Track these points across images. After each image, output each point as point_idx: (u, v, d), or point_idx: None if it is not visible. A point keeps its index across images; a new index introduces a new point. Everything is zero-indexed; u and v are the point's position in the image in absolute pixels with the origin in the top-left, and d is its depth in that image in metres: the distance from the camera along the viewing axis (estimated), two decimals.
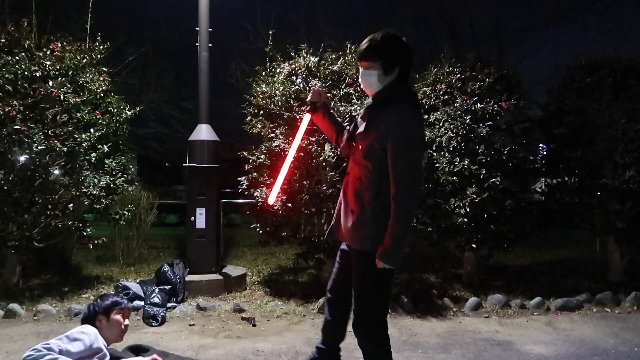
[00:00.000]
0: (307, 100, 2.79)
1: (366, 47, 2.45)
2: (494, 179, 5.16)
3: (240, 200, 6.92)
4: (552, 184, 6.22)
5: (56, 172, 5.13)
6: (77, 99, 5.36)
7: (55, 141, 5.06)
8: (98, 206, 5.70)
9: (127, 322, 2.88)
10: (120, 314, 2.83)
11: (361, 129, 2.50)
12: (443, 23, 14.45)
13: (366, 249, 2.39)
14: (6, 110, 4.80)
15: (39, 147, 4.92)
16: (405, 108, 2.35)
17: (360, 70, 2.53)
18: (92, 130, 5.58)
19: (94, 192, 5.51)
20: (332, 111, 2.90)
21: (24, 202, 5.01)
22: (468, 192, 5.18)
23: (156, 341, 3.92)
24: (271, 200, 2.94)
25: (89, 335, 2.63)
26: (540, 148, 6.30)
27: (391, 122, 2.32)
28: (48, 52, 5.36)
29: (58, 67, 5.29)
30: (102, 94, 5.78)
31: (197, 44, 5.91)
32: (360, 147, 2.46)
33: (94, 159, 5.61)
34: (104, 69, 5.98)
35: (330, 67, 5.42)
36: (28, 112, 5.04)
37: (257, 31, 10.47)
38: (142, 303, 4.77)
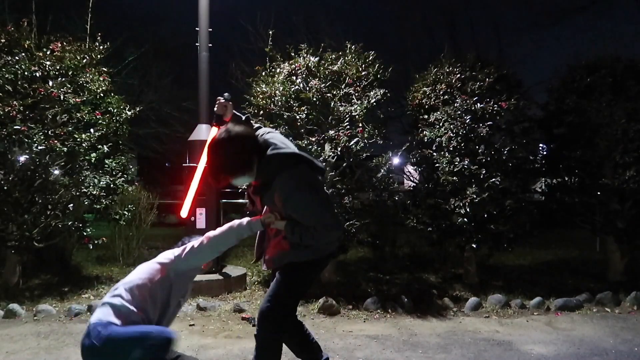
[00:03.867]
0: (215, 111, 2.74)
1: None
2: (494, 179, 5.16)
3: (240, 200, 6.92)
4: (552, 184, 6.22)
5: (56, 172, 5.13)
6: (77, 99, 5.36)
7: (55, 141, 5.07)
8: (98, 206, 5.70)
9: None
10: None
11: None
12: (443, 23, 14.46)
13: None
14: (6, 110, 4.81)
15: (39, 147, 4.92)
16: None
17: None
18: (92, 130, 5.58)
19: (94, 192, 5.51)
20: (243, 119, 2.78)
21: (24, 202, 5.01)
22: (468, 192, 5.18)
23: None
24: (184, 214, 3.05)
25: None
26: (540, 148, 6.30)
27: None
28: (48, 52, 5.36)
29: (58, 67, 5.30)
30: (102, 94, 5.78)
31: (197, 44, 5.91)
32: None
33: (94, 159, 5.61)
34: (104, 69, 5.98)
35: (330, 67, 5.42)
36: (28, 112, 5.04)
37: (257, 31, 10.46)
38: None
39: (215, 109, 2.76)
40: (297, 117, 5.24)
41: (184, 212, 2.80)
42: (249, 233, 2.58)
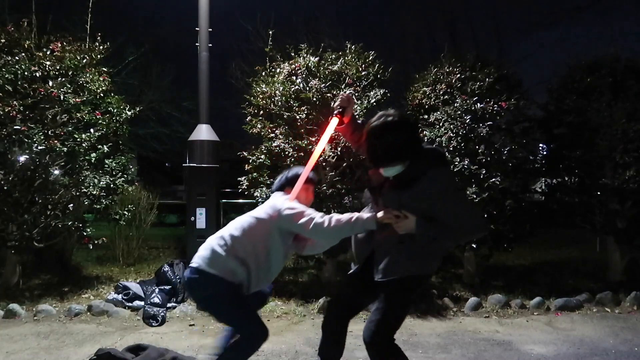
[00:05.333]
0: (336, 104, 2.65)
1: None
2: (494, 179, 5.15)
3: (240, 200, 6.93)
4: (552, 184, 6.21)
5: (56, 172, 5.13)
6: (77, 99, 5.36)
7: (55, 141, 5.07)
8: (98, 206, 5.70)
9: (310, 194, 2.90)
10: (303, 188, 2.81)
11: None
12: (443, 23, 14.44)
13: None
14: (6, 110, 4.81)
15: (39, 147, 4.92)
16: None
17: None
18: (92, 130, 5.58)
19: (94, 192, 5.51)
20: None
21: (24, 202, 5.01)
22: (468, 192, 5.18)
23: (156, 341, 3.92)
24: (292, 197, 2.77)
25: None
26: (540, 148, 6.29)
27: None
28: (48, 52, 5.36)
29: (58, 67, 5.29)
30: (102, 94, 5.78)
31: (197, 44, 5.91)
32: None
33: (94, 159, 5.61)
34: (104, 69, 5.98)
35: (330, 67, 5.42)
36: (28, 112, 5.04)
37: (257, 31, 10.46)
38: (142, 303, 4.77)
39: (338, 102, 2.67)
40: (297, 117, 5.24)
41: (292, 196, 2.67)
42: (362, 231, 2.45)
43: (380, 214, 2.32)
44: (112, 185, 5.75)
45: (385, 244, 2.37)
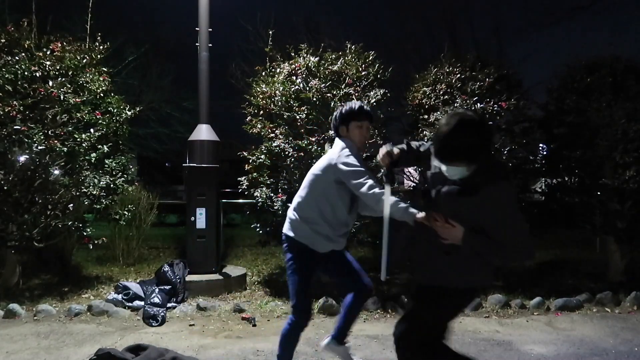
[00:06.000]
0: (382, 172, 2.55)
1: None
2: None
3: (240, 200, 6.92)
4: (552, 184, 6.21)
5: (56, 172, 5.13)
6: (77, 99, 5.36)
7: (55, 141, 5.07)
8: (98, 206, 5.70)
9: (365, 131, 2.88)
10: (357, 125, 2.85)
11: None
12: (443, 23, 14.43)
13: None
14: (6, 110, 4.81)
15: (39, 147, 4.92)
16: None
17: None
18: (92, 130, 5.58)
19: (94, 192, 5.51)
20: (409, 149, 2.60)
21: (24, 202, 5.01)
22: None
23: (156, 341, 3.92)
24: (383, 277, 2.61)
25: (349, 148, 2.80)
26: (540, 148, 6.29)
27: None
28: (48, 52, 5.36)
29: (58, 67, 5.29)
30: (102, 94, 5.78)
31: (197, 44, 5.91)
32: None
33: (94, 159, 5.61)
34: (104, 69, 5.98)
35: (330, 67, 5.42)
36: (28, 112, 5.04)
37: (257, 31, 10.46)
38: (142, 303, 4.78)
39: (380, 157, 2.55)
40: (297, 117, 5.24)
41: (382, 276, 2.53)
42: (399, 216, 2.42)
43: (422, 214, 2.28)
44: (112, 185, 5.75)
45: (430, 251, 2.30)
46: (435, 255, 2.26)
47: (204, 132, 5.73)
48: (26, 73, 5.04)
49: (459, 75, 5.59)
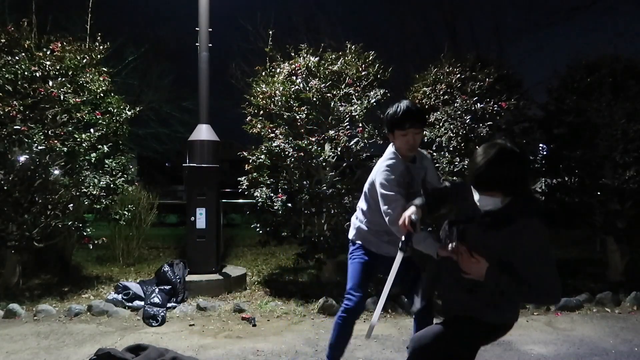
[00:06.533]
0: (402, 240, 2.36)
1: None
2: None
3: (240, 200, 6.92)
4: (552, 184, 6.21)
5: (56, 172, 5.13)
6: (77, 99, 5.36)
7: (55, 141, 5.07)
8: (98, 206, 5.70)
9: (410, 138, 2.68)
10: (401, 134, 2.68)
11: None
12: (443, 23, 14.43)
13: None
14: (6, 110, 4.81)
15: (39, 147, 4.92)
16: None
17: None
18: (92, 130, 5.58)
19: (94, 192, 5.51)
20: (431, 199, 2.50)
21: (24, 202, 5.01)
22: None
23: (156, 341, 3.92)
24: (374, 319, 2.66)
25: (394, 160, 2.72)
26: (540, 148, 6.29)
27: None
28: (48, 52, 5.36)
29: (58, 67, 5.29)
30: (102, 94, 5.78)
31: (197, 44, 5.91)
32: None
33: (94, 159, 5.61)
34: (104, 69, 5.98)
35: (330, 67, 5.42)
36: (28, 112, 5.04)
37: (257, 31, 10.48)
38: (142, 303, 4.78)
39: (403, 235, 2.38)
40: (297, 117, 5.24)
41: (374, 318, 2.63)
42: (422, 249, 2.36)
43: (446, 247, 2.19)
44: (112, 185, 5.75)
45: (454, 287, 2.22)
46: (461, 290, 2.18)
47: (204, 132, 5.73)
48: (26, 73, 5.04)
49: (459, 75, 5.59)
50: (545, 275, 2.07)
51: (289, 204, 5.15)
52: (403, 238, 2.32)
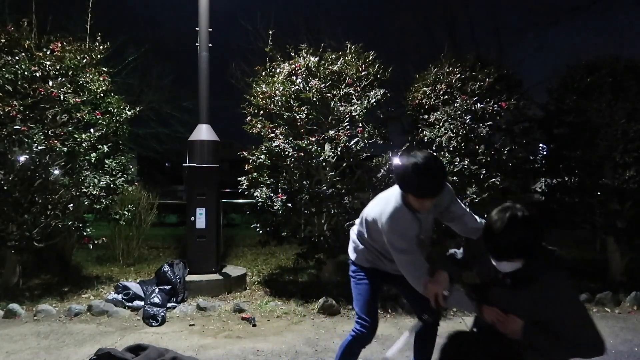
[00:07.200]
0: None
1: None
2: (494, 179, 5.16)
3: (240, 200, 6.92)
4: (552, 184, 6.21)
5: (56, 172, 5.13)
6: (77, 99, 5.36)
7: (55, 141, 5.07)
8: (98, 206, 5.70)
9: (426, 204, 2.45)
10: (415, 199, 2.43)
11: None
12: (443, 23, 14.45)
13: None
14: (6, 110, 4.80)
15: (39, 147, 4.92)
16: None
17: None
18: (92, 130, 5.58)
19: (94, 192, 5.51)
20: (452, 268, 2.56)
21: (24, 202, 5.01)
22: (468, 192, 5.18)
23: (156, 341, 3.92)
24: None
25: (400, 222, 2.46)
26: (540, 148, 6.29)
27: None
28: (48, 52, 5.36)
29: (58, 67, 5.29)
30: (102, 94, 5.78)
31: (197, 44, 5.91)
32: None
33: (94, 159, 5.61)
34: (104, 69, 5.98)
35: (330, 67, 5.42)
36: (28, 112, 5.04)
37: (257, 31, 10.48)
38: (142, 303, 4.78)
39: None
40: (297, 117, 5.24)
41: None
42: (458, 307, 2.37)
43: (477, 309, 2.20)
44: (112, 185, 5.75)
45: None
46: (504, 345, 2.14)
47: (204, 132, 5.73)
48: (26, 73, 5.04)
49: (459, 75, 5.59)
50: (581, 327, 2.05)
51: (289, 204, 5.15)
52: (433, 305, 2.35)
